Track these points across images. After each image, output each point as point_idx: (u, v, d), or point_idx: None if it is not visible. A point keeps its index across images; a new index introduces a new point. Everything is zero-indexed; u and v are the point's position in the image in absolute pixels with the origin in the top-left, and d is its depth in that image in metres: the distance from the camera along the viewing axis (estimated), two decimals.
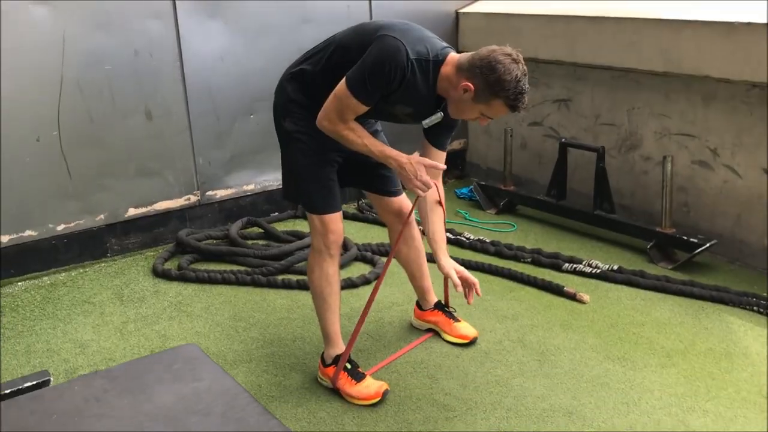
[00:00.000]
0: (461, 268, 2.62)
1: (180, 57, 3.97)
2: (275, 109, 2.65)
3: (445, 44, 2.45)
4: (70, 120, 3.73)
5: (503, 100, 2.30)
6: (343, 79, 2.34)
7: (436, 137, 2.59)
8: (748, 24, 3.33)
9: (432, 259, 2.69)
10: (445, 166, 2.61)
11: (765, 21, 3.27)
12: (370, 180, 2.75)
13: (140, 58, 3.86)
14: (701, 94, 3.68)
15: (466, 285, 2.59)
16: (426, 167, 2.44)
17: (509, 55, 2.29)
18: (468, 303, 2.62)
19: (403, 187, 2.70)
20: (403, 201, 2.82)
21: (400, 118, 2.54)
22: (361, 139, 2.42)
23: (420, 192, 2.44)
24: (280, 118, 2.61)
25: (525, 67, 2.31)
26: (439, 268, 2.63)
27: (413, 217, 2.81)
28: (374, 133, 2.61)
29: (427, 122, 2.48)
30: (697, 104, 3.71)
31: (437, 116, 2.46)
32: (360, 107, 2.36)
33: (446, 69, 2.37)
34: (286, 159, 2.65)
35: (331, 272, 2.64)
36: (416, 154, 2.48)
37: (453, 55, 2.40)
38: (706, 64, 3.54)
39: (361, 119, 2.48)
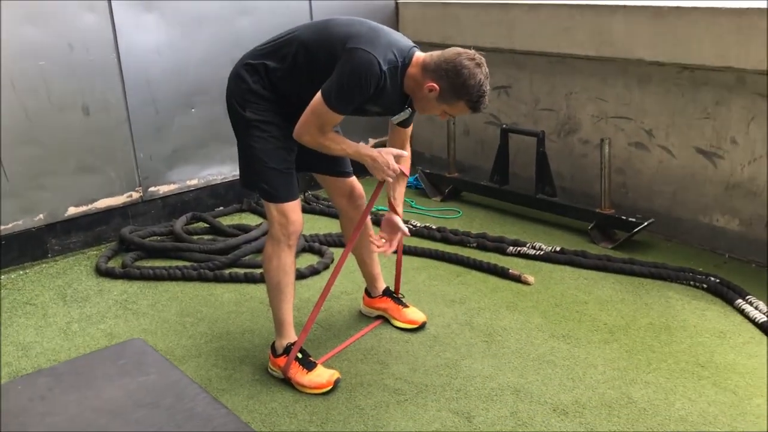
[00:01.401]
0: (404, 228, 2.75)
1: (117, 50, 3.89)
2: (231, 96, 2.60)
3: (410, 44, 2.52)
4: (5, 118, 3.62)
5: (466, 102, 2.42)
6: (319, 94, 2.39)
7: (402, 121, 2.69)
8: (677, 8, 3.43)
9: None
10: (409, 144, 2.80)
11: (691, 5, 3.38)
12: (323, 162, 2.74)
13: (75, 53, 3.77)
14: (636, 78, 3.78)
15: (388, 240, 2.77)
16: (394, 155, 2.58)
17: (473, 59, 2.39)
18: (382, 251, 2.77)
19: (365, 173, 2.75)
20: (354, 182, 2.85)
21: (369, 114, 2.62)
22: (338, 145, 2.51)
23: (390, 180, 2.58)
24: (237, 107, 2.57)
25: (487, 71, 2.42)
26: (391, 214, 2.78)
27: (363, 203, 2.84)
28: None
29: (396, 118, 2.63)
30: (633, 87, 3.81)
31: (405, 112, 2.59)
32: (337, 118, 2.44)
33: (412, 70, 2.45)
34: (245, 146, 2.61)
35: (289, 263, 2.64)
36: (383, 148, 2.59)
37: (418, 56, 2.47)
38: (637, 47, 3.65)
39: None
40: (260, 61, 2.55)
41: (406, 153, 2.71)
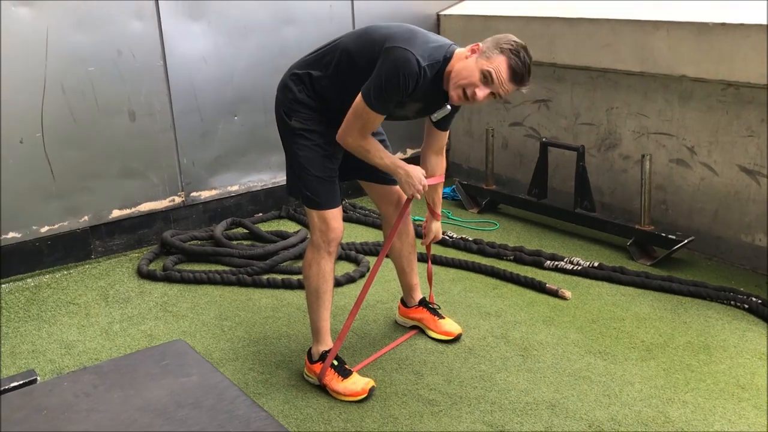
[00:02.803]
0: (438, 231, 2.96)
1: (163, 57, 3.98)
2: (278, 106, 2.66)
3: (449, 41, 2.53)
4: (54, 121, 3.73)
5: (506, 57, 2.37)
6: (360, 95, 2.41)
7: (441, 122, 2.69)
8: (722, 24, 3.40)
9: (422, 258, 2.77)
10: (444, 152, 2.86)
11: (738, 21, 3.35)
12: (370, 169, 2.75)
13: (123, 59, 3.87)
14: (678, 94, 3.75)
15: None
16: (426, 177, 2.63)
17: (517, 41, 2.42)
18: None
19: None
20: (400, 190, 2.86)
21: (409, 116, 2.64)
22: (377, 152, 2.53)
23: (417, 196, 2.61)
24: (284, 116, 2.63)
25: (530, 57, 2.42)
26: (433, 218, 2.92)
27: (409, 210, 2.86)
28: (382, 142, 2.73)
29: (435, 116, 2.62)
30: (674, 103, 3.78)
31: (446, 109, 2.58)
32: (379, 119, 2.47)
33: (453, 62, 2.45)
34: (290, 154, 2.66)
35: (328, 269, 2.67)
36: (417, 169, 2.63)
37: (459, 51, 2.48)
38: (681, 63, 3.61)
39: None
40: (305, 71, 2.59)
41: (440, 179, 2.81)
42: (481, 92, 2.40)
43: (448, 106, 2.56)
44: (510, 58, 2.37)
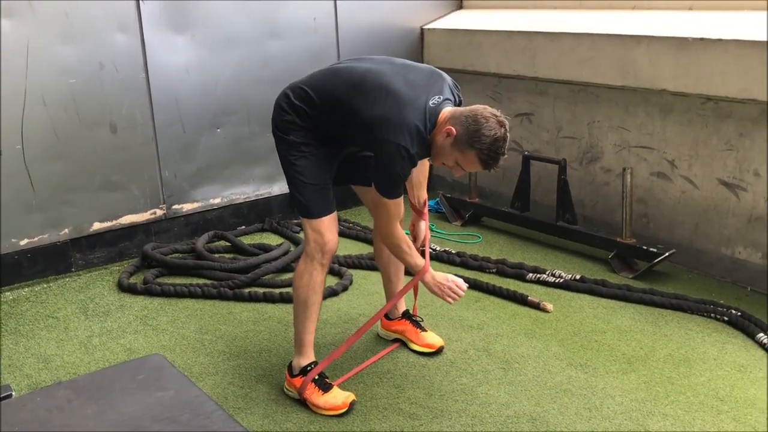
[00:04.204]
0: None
1: (146, 69, 3.97)
2: (273, 122, 2.67)
3: (442, 96, 2.51)
4: (34, 133, 3.71)
5: (477, 153, 2.40)
6: (376, 191, 2.53)
7: None
8: (702, 39, 3.44)
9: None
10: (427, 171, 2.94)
11: (716, 37, 3.39)
12: (362, 174, 2.78)
13: (105, 71, 3.85)
14: (658, 107, 3.78)
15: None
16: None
17: (497, 116, 2.41)
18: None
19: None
20: None
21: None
22: (409, 251, 2.68)
23: (449, 300, 2.71)
24: (278, 132, 2.65)
25: (508, 134, 2.42)
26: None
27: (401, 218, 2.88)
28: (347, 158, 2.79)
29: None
30: (655, 117, 3.81)
31: None
32: (400, 201, 2.64)
33: (440, 122, 2.46)
34: (285, 164, 2.67)
35: (319, 281, 2.67)
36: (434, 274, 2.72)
37: (446, 111, 2.47)
38: (661, 78, 3.65)
39: (339, 140, 2.62)
40: (299, 103, 2.59)
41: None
42: (457, 173, 2.57)
43: None
44: (481, 154, 2.40)
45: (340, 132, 2.59)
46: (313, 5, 4.45)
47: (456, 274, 3.64)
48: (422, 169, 2.86)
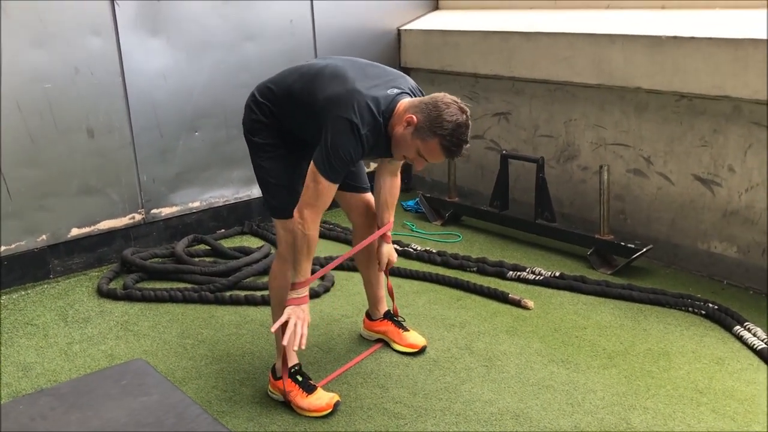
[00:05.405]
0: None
1: (122, 73, 3.94)
2: (244, 123, 2.67)
3: (399, 89, 2.47)
4: (9, 139, 3.66)
5: (439, 140, 2.34)
6: (313, 165, 2.38)
7: None
8: (674, 38, 3.49)
9: (392, 272, 2.79)
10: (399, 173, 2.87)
11: (689, 35, 3.44)
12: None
13: (81, 76, 3.82)
14: (634, 105, 3.83)
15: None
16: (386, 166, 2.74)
17: (457, 103, 2.37)
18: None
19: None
20: (370, 198, 2.88)
21: (369, 160, 2.68)
22: (310, 258, 2.49)
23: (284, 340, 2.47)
24: (248, 134, 2.65)
25: (469, 121, 2.37)
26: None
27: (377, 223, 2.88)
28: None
29: (390, 159, 2.68)
30: (631, 115, 3.86)
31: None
32: (332, 188, 2.41)
33: (397, 112, 2.42)
34: (255, 167, 2.67)
35: None
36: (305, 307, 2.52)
37: (404, 102, 2.44)
38: (636, 76, 3.69)
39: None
40: (263, 100, 2.60)
41: (396, 187, 2.84)
42: (419, 164, 2.46)
43: None
44: (443, 140, 2.35)
45: (303, 126, 2.54)
46: (289, 7, 4.44)
47: (437, 274, 3.71)
48: (391, 191, 2.83)
